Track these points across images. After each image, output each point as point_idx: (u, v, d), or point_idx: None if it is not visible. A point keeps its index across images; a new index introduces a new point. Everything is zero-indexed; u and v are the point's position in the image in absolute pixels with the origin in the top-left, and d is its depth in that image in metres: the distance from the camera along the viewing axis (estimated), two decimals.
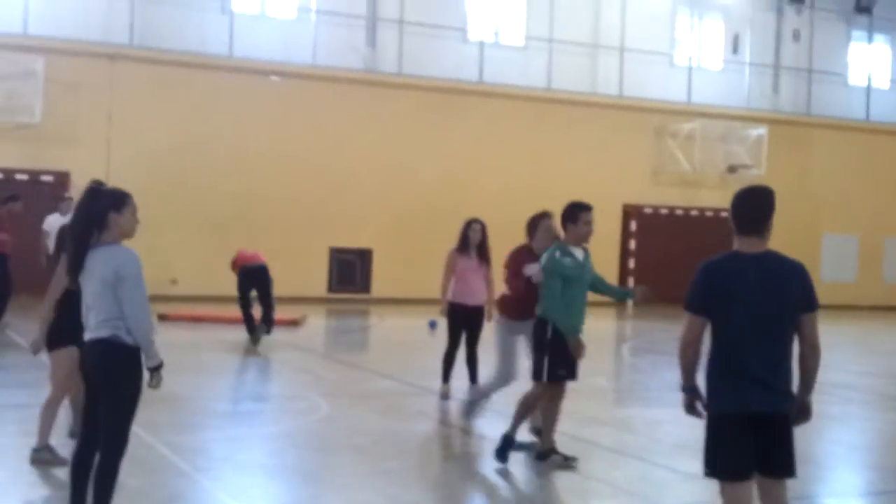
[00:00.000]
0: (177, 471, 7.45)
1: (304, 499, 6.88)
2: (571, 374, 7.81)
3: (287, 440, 8.72)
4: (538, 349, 7.78)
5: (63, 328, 7.36)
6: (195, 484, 7.18)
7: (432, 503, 7.04)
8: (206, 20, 22.60)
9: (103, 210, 5.56)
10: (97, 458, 5.58)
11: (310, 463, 7.91)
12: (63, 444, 7.52)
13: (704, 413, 4.88)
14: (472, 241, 10.54)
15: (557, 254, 7.74)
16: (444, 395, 10.55)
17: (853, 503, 7.63)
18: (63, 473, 6.94)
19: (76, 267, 5.55)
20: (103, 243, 5.55)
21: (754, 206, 4.85)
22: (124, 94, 21.28)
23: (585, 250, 7.96)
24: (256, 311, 14.78)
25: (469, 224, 10.64)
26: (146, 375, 5.55)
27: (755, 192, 4.92)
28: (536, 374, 7.77)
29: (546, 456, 7.90)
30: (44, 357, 12.37)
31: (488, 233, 10.68)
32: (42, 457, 7.27)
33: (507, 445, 7.88)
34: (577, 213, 7.83)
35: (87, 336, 5.62)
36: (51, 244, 16.88)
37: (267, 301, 14.85)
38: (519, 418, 7.93)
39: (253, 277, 14.88)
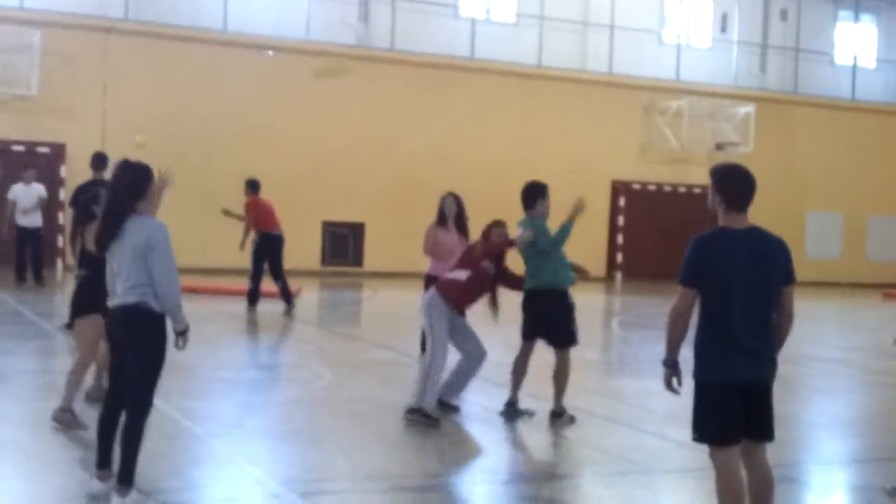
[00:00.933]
0: (192, 435, 7.78)
1: (315, 461, 7.18)
2: None
3: (294, 406, 9.05)
4: (568, 317, 8.43)
5: (86, 297, 7.67)
6: (210, 447, 7.49)
7: (437, 466, 7.38)
8: None
9: (144, 181, 5.86)
10: (123, 417, 5.89)
11: (317, 428, 8.22)
12: (82, 409, 7.82)
13: (680, 390, 5.18)
14: (448, 215, 10.80)
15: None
16: None
17: (837, 470, 7.98)
18: (86, 436, 7.27)
19: (112, 236, 5.82)
20: (136, 213, 5.84)
21: (746, 183, 5.10)
22: (119, 67, 21.42)
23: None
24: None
25: (443, 198, 10.91)
26: (172, 339, 5.86)
27: (743, 170, 5.17)
28: (573, 342, 8.49)
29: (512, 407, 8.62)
30: (49, 327, 12.74)
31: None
32: (64, 418, 7.56)
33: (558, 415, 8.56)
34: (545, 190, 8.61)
35: (115, 302, 5.91)
36: (18, 215, 17.21)
37: (280, 272, 15.08)
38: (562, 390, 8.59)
39: (274, 247, 15.15)
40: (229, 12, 22.64)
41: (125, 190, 5.82)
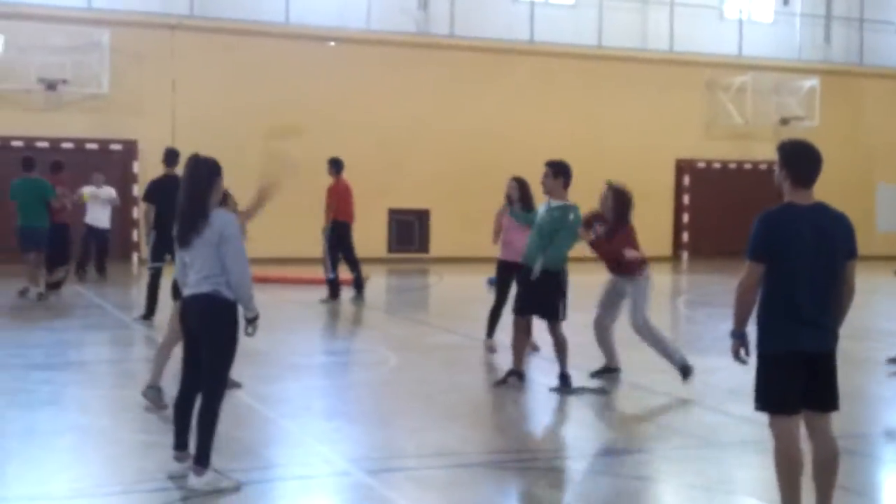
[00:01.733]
0: (264, 418, 8.05)
1: (381, 440, 7.39)
2: None
3: (361, 389, 9.30)
4: (560, 294, 8.99)
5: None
6: (282, 429, 7.75)
7: (501, 444, 7.56)
8: None
9: (214, 176, 6.12)
10: (199, 401, 6.15)
11: (384, 409, 8.46)
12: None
13: (748, 360, 5.27)
14: (512, 199, 10.90)
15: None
16: (491, 349, 10.98)
17: None
18: (160, 421, 7.58)
19: (195, 231, 6.04)
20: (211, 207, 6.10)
21: (812, 160, 5.19)
22: (186, 63, 21.89)
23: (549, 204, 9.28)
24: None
25: (508, 182, 11.04)
26: (242, 326, 6.12)
27: (812, 147, 5.24)
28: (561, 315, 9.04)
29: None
30: (126, 318, 13.18)
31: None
32: (149, 395, 7.98)
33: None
34: None
35: (189, 291, 6.17)
36: (89, 214, 17.70)
37: (354, 260, 15.39)
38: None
39: (343, 234, 15.40)
40: (291, 4, 22.96)
41: (201, 186, 6.08)
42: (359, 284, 15.55)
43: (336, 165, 15.78)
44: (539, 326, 9.83)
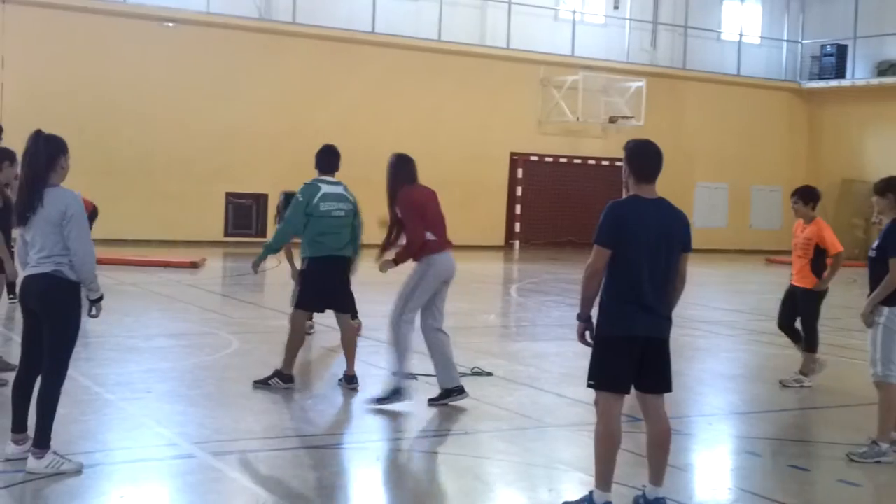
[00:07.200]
0: (103, 401, 7.96)
1: (227, 423, 7.44)
2: None
3: (203, 372, 9.27)
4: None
5: None
6: (122, 412, 7.68)
7: (344, 426, 7.74)
8: None
9: (56, 153, 6.02)
10: (38, 383, 6.06)
11: (227, 392, 8.48)
12: None
13: (592, 342, 5.61)
14: None
15: None
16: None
17: (718, 422, 8.57)
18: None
19: (31, 208, 5.96)
20: (49, 185, 6.00)
21: (656, 158, 5.59)
22: (17, 38, 21.03)
23: None
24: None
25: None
26: (86, 307, 6.08)
27: (652, 146, 5.64)
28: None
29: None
30: None
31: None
32: None
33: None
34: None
35: (29, 271, 6.07)
36: None
37: None
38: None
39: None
40: None
41: (43, 161, 5.97)
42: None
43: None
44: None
